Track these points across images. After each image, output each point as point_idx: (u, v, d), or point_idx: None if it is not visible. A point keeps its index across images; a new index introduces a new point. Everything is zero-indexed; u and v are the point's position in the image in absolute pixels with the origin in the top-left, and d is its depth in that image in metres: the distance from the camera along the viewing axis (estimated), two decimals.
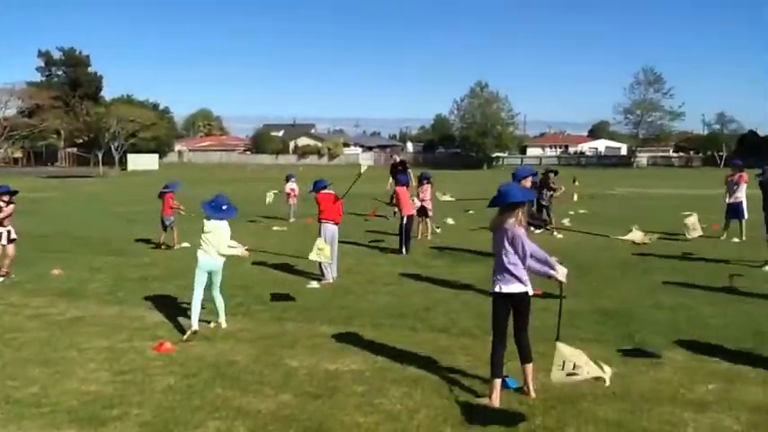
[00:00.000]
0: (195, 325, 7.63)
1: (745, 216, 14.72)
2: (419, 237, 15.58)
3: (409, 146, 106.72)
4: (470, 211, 21.02)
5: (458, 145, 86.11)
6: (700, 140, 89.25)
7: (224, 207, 7.81)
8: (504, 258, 5.45)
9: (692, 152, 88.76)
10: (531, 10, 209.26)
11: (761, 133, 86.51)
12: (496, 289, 5.51)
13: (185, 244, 13.79)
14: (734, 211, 14.96)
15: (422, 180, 16.23)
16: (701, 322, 7.94)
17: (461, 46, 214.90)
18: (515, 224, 5.41)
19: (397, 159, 20.69)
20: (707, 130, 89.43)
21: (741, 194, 14.82)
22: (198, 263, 7.77)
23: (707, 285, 10.01)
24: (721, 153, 75.55)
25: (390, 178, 19.39)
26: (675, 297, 9.28)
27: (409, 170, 19.68)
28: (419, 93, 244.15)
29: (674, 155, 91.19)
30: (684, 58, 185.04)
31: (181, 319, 8.26)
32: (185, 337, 7.50)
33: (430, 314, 8.44)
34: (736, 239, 14.66)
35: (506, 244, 5.44)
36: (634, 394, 5.64)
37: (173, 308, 8.93)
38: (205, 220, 7.77)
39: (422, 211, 15.76)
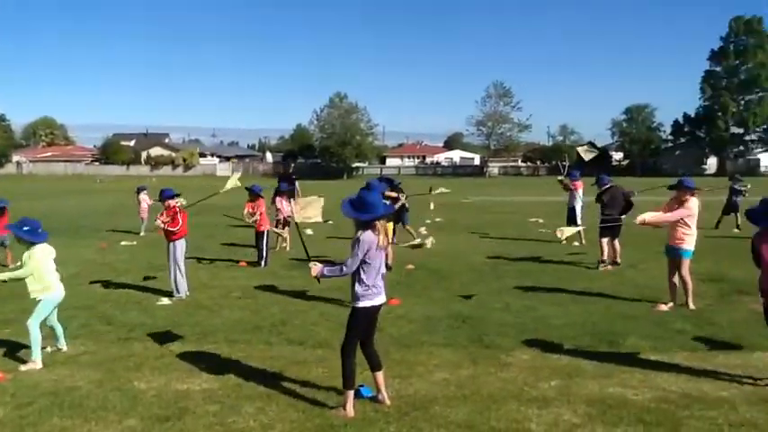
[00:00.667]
0: (40, 362, 6.87)
1: (579, 221, 15.75)
2: (278, 248, 15.40)
3: (269, 156, 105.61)
4: (330, 221, 21.03)
5: (318, 155, 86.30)
6: (545, 151, 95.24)
7: (40, 230, 7.10)
8: (373, 271, 5.41)
9: (538, 162, 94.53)
10: (386, 23, 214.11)
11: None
12: (376, 301, 5.46)
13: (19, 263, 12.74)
14: (572, 216, 15.97)
15: (281, 190, 16.12)
16: (545, 322, 8.38)
17: (320, 57, 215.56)
18: (381, 236, 5.41)
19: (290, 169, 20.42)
20: (551, 141, 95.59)
21: (577, 201, 15.86)
22: (52, 296, 7.07)
23: (551, 287, 10.60)
24: (565, 163, 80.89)
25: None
26: (523, 299, 9.75)
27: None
28: (278, 103, 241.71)
29: (523, 165, 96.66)
30: (532, 72, 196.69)
31: (13, 346, 7.58)
32: (24, 368, 6.84)
33: (286, 327, 8.31)
34: (576, 243, 15.65)
35: (379, 256, 5.42)
36: (483, 395, 5.83)
37: (4, 333, 8.18)
38: (41, 246, 7.10)
39: (281, 222, 15.63)
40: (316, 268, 5.49)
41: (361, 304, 5.43)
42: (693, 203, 8.95)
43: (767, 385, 5.98)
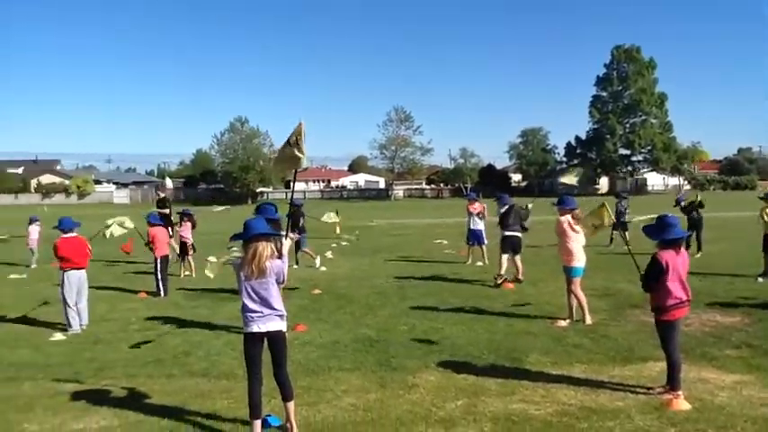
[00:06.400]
0: None
1: (485, 241, 16.21)
2: (182, 276, 14.99)
3: (168, 182, 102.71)
4: (234, 248, 20.62)
5: (220, 180, 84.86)
6: (447, 173, 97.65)
7: None
8: (260, 295, 5.35)
9: (441, 184, 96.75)
10: (281, 45, 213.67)
11: (498, 166, 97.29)
12: (253, 328, 5.39)
13: None
14: (474, 237, 16.39)
15: (182, 217, 15.85)
16: (450, 342, 8.52)
17: (217, 79, 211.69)
18: (270, 257, 5.34)
19: (161, 195, 19.87)
20: (453, 163, 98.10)
21: (479, 222, 16.29)
22: None
23: (455, 307, 10.80)
24: (467, 185, 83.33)
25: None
26: (428, 320, 9.88)
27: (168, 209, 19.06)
28: (176, 127, 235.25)
29: (427, 187, 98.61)
30: (432, 96, 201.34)
31: None
32: None
33: (189, 358, 8.06)
34: (480, 263, 16.05)
35: (266, 279, 5.34)
36: (391, 418, 5.84)
37: None
38: None
39: (183, 249, 15.34)
40: None
41: (248, 328, 5.45)
42: (563, 222, 9.37)
43: (659, 394, 6.30)
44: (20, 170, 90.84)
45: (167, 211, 18.81)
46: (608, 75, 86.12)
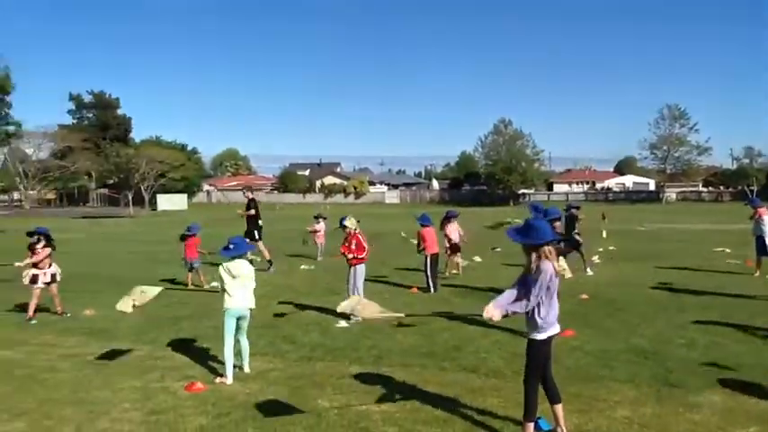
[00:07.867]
0: (231, 378, 7.39)
1: None
2: (447, 274, 15.57)
3: (435, 183, 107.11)
4: (498, 249, 20.90)
5: (483, 182, 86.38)
6: (728, 175, 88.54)
7: (231, 245, 7.65)
8: (551, 300, 5.34)
9: (721, 187, 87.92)
10: (547, 48, 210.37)
11: None
12: (551, 332, 5.36)
13: (214, 284, 13.91)
14: (761, 246, 14.66)
15: (449, 218, 16.39)
16: (735, 361, 7.75)
17: (483, 83, 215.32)
18: (553, 263, 5.34)
19: (249, 196, 19.37)
20: (735, 164, 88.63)
21: (764, 230, 14.49)
22: (228, 310, 7.58)
23: (741, 323, 9.78)
24: (752, 187, 74.69)
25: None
26: (710, 335, 9.10)
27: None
28: (443, 130, 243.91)
29: (704, 189, 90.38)
30: (709, 92, 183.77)
31: (212, 360, 8.29)
32: (218, 380, 7.46)
33: (459, 353, 8.38)
34: None
35: (552, 285, 5.27)
36: None
37: (203, 348, 8.97)
38: (230, 263, 7.66)
39: (452, 248, 15.89)
40: (490, 310, 5.26)
41: (540, 336, 5.32)
42: None
43: None
44: (307, 172, 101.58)
45: (253, 212, 18.18)
46: None
